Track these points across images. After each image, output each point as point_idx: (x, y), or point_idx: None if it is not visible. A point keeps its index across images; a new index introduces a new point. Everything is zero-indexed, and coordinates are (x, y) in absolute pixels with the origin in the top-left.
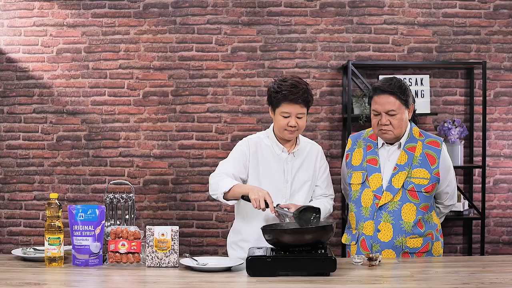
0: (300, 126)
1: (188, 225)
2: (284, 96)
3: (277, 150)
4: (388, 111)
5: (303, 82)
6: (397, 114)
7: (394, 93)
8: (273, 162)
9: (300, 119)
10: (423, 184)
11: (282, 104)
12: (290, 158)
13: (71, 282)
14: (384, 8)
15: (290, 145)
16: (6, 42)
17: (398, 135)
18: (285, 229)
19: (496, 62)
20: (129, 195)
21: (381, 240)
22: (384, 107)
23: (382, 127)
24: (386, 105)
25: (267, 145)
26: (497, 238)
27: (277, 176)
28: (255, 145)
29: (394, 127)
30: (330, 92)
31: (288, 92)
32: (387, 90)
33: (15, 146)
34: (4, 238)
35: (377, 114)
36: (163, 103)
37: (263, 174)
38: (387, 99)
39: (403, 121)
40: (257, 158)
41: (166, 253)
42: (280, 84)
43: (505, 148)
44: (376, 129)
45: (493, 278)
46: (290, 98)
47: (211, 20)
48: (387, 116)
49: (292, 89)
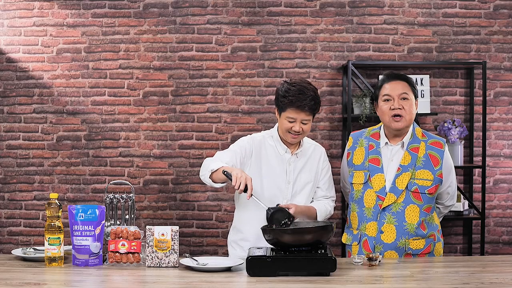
0: (304, 131)
1: (188, 225)
2: (290, 102)
3: (280, 150)
4: (401, 94)
5: (311, 88)
6: (409, 100)
7: (407, 80)
8: (276, 162)
9: (305, 124)
10: (426, 186)
11: (288, 109)
12: (293, 159)
13: (71, 282)
14: (384, 8)
15: (294, 146)
16: (6, 42)
17: (409, 123)
18: (285, 229)
19: (496, 62)
20: (129, 195)
21: (384, 242)
22: (397, 91)
23: (394, 111)
24: (399, 89)
25: (270, 145)
26: (497, 238)
27: (279, 176)
28: (259, 144)
29: (406, 113)
30: (330, 92)
31: (295, 98)
32: (401, 76)
33: (15, 146)
34: (4, 238)
35: (388, 100)
36: (163, 103)
37: (265, 173)
38: (400, 84)
39: (413, 109)
40: (260, 157)
41: (166, 253)
42: (288, 88)
43: (505, 148)
44: (387, 116)
45: (493, 278)
46: (296, 105)
47: (211, 20)
48: (399, 101)
49: (300, 95)
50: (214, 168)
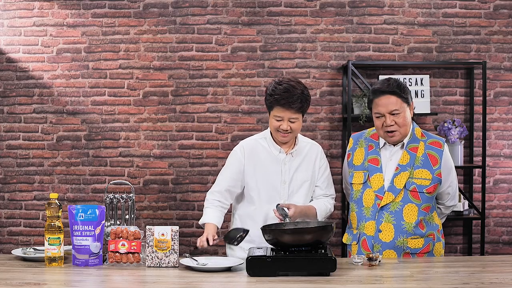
0: (293, 129)
1: (188, 225)
2: (276, 100)
3: (274, 151)
4: (392, 111)
5: (299, 87)
6: (400, 113)
7: (395, 93)
8: (270, 163)
9: (293, 123)
10: (425, 185)
11: (274, 107)
12: (288, 159)
13: (71, 282)
14: (384, 8)
15: (288, 146)
16: (6, 42)
17: (404, 135)
18: (284, 229)
19: (496, 62)
20: (129, 195)
21: (382, 241)
22: (387, 108)
23: (387, 128)
24: (389, 105)
25: (264, 147)
26: (497, 238)
27: (274, 177)
28: (250, 149)
29: (400, 126)
30: (330, 92)
31: (279, 97)
32: (387, 91)
33: (15, 146)
34: (4, 238)
35: (380, 116)
36: (163, 103)
37: (260, 176)
38: (388, 99)
39: (407, 119)
40: (253, 161)
41: (166, 253)
42: (275, 87)
43: (505, 148)
44: (381, 131)
45: (493, 278)
46: (281, 103)
47: (211, 20)
48: (391, 116)
49: (285, 93)
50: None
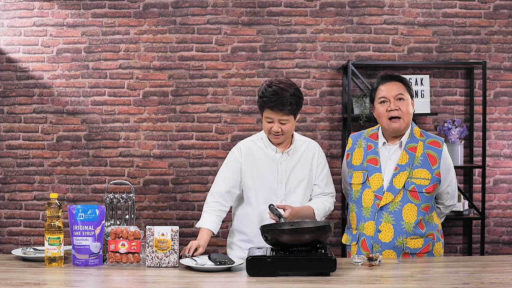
0: (284, 131)
1: (188, 225)
2: (265, 102)
3: (270, 151)
4: (397, 95)
5: (289, 89)
6: (405, 100)
7: (401, 80)
8: (266, 163)
9: (283, 125)
10: (424, 185)
11: (265, 109)
12: (284, 158)
13: (71, 282)
14: (384, 8)
15: (285, 145)
16: (6, 42)
17: (407, 124)
18: (283, 229)
19: (496, 62)
20: (129, 195)
21: (382, 241)
22: (393, 92)
23: (391, 113)
24: (395, 90)
25: (260, 147)
26: (497, 238)
27: (271, 177)
28: (246, 149)
29: (403, 113)
30: (330, 92)
31: (268, 99)
32: (394, 77)
33: (15, 146)
34: (4, 238)
35: (384, 102)
36: (163, 103)
37: (256, 176)
38: (395, 85)
39: (410, 110)
40: (250, 161)
41: (166, 253)
42: (265, 89)
43: (505, 148)
44: (384, 118)
45: (493, 278)
46: (269, 105)
47: (211, 20)
48: (395, 102)
49: (273, 96)
50: (197, 227)
